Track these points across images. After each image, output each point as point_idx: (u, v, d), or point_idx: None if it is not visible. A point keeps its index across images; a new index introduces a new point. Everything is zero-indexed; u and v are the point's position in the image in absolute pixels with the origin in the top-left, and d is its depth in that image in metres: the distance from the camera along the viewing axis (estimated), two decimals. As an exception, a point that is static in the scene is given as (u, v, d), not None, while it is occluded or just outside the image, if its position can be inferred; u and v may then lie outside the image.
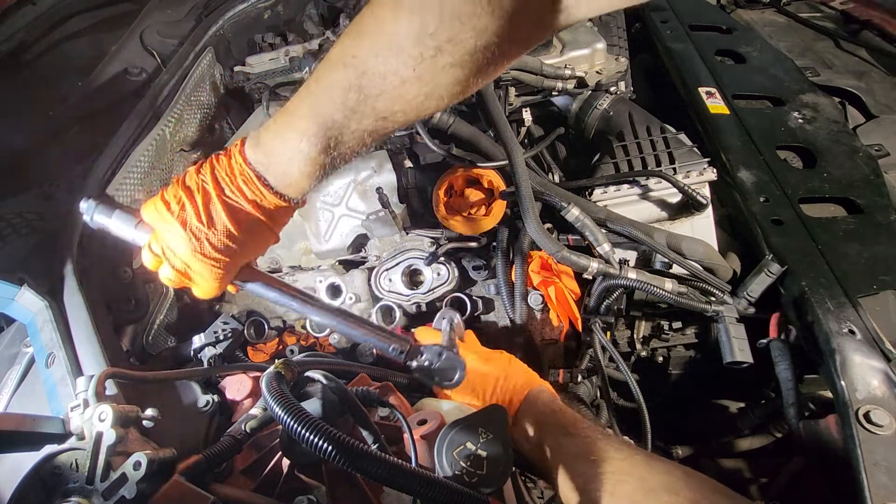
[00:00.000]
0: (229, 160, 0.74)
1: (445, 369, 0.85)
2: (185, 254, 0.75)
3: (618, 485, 0.70)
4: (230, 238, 0.75)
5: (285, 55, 1.71)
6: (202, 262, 0.76)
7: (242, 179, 0.73)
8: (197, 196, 0.74)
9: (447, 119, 1.32)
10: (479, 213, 1.29)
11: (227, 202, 0.74)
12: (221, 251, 0.75)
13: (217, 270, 0.77)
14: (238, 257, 0.78)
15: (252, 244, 0.78)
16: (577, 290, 1.21)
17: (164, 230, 0.76)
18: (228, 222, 0.74)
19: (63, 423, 0.83)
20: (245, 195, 0.73)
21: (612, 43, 1.50)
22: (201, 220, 0.73)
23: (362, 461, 0.64)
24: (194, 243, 0.74)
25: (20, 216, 1.23)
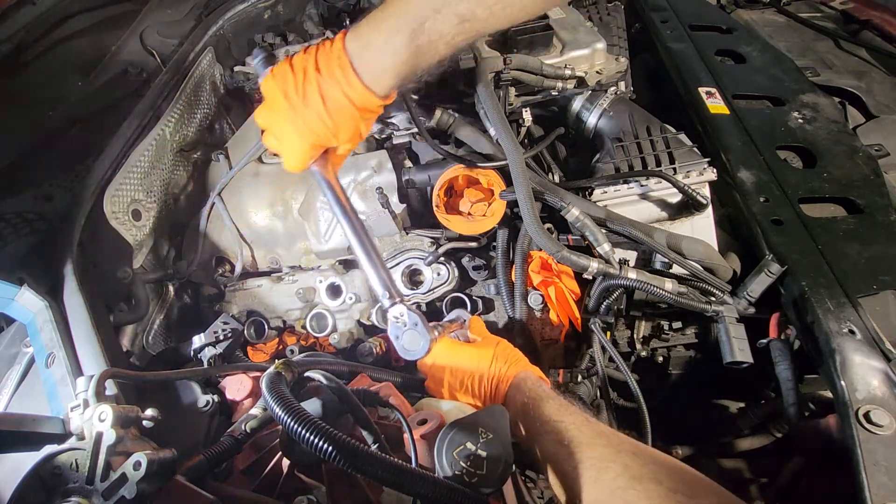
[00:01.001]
0: (331, 45, 0.83)
1: (413, 338, 0.93)
2: (281, 122, 0.87)
3: (601, 471, 0.70)
4: (319, 118, 0.84)
5: (285, 55, 1.71)
6: (291, 134, 0.87)
7: (338, 65, 0.81)
8: (299, 74, 0.84)
9: (447, 119, 1.32)
10: (479, 213, 1.29)
11: (321, 84, 0.83)
12: (310, 129, 0.86)
13: (303, 145, 0.88)
14: (323, 140, 0.88)
15: (340, 132, 0.87)
16: (577, 290, 1.21)
17: (271, 96, 0.88)
18: (320, 103, 0.83)
19: (63, 423, 0.83)
20: (337, 80, 0.82)
21: (612, 43, 1.50)
22: (298, 95, 0.84)
23: (362, 461, 0.64)
24: (290, 115, 0.85)
25: (20, 216, 1.23)
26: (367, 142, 1.54)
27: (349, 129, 0.88)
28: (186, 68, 1.62)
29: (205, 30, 1.74)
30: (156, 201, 1.47)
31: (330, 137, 0.88)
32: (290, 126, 0.87)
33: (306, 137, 0.88)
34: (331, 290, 1.41)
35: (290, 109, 0.86)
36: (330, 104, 0.84)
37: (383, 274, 0.95)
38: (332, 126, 0.86)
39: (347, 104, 0.84)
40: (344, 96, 0.83)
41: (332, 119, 0.85)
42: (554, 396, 0.87)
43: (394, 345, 0.95)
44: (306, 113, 0.85)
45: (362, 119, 0.88)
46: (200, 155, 1.71)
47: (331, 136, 0.87)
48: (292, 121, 0.86)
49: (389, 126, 1.45)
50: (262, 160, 1.58)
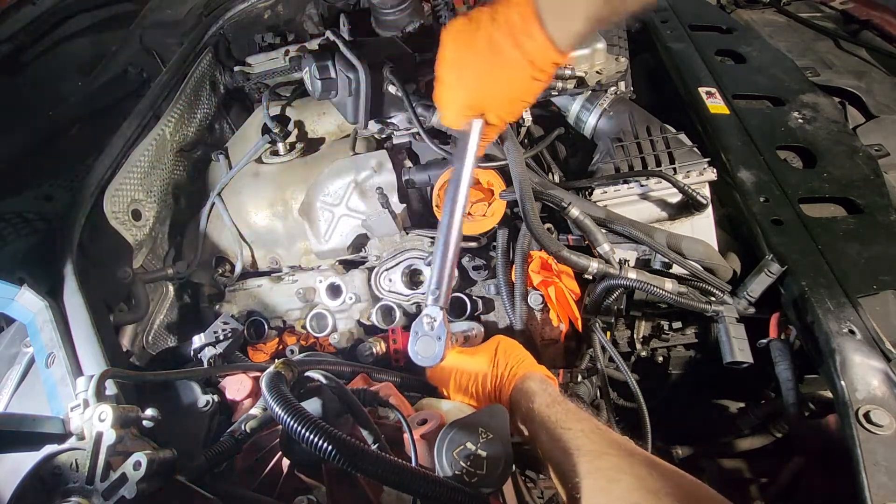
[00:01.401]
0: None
1: (429, 346, 0.91)
2: (442, 72, 0.83)
3: (613, 482, 0.68)
4: (477, 74, 0.79)
5: (285, 55, 1.71)
6: (447, 88, 0.83)
7: (518, 10, 0.74)
8: (473, 21, 0.78)
9: (447, 119, 1.32)
10: (479, 213, 1.29)
11: (492, 33, 0.76)
12: (464, 86, 0.81)
13: (455, 103, 0.85)
14: (475, 102, 0.83)
15: (495, 95, 0.81)
16: (577, 290, 1.21)
17: (441, 44, 0.83)
18: (485, 56, 0.77)
19: (63, 423, 0.83)
20: (513, 27, 0.75)
21: (612, 43, 1.50)
22: (463, 44, 0.79)
23: (362, 461, 0.64)
24: (450, 67, 0.81)
25: (20, 216, 1.23)
26: (368, 141, 1.54)
27: (506, 93, 0.81)
28: (186, 68, 1.63)
29: (205, 30, 1.74)
30: (156, 201, 1.47)
31: (481, 101, 0.82)
32: (448, 77, 0.82)
33: (458, 96, 0.83)
34: (331, 290, 1.41)
35: (452, 61, 0.80)
36: (497, 57, 0.76)
37: (448, 272, 0.92)
38: (488, 87, 0.79)
39: (518, 58, 0.75)
40: (515, 47, 0.75)
41: (493, 77, 0.78)
42: (560, 400, 0.85)
43: (409, 341, 0.94)
44: (465, 67, 0.79)
45: (531, 79, 0.78)
46: (200, 155, 1.71)
47: (483, 98, 0.82)
48: (451, 73, 0.82)
49: (389, 126, 1.45)
50: (262, 160, 1.58)
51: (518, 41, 0.75)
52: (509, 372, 0.93)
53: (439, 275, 0.92)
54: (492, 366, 0.94)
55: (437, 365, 0.95)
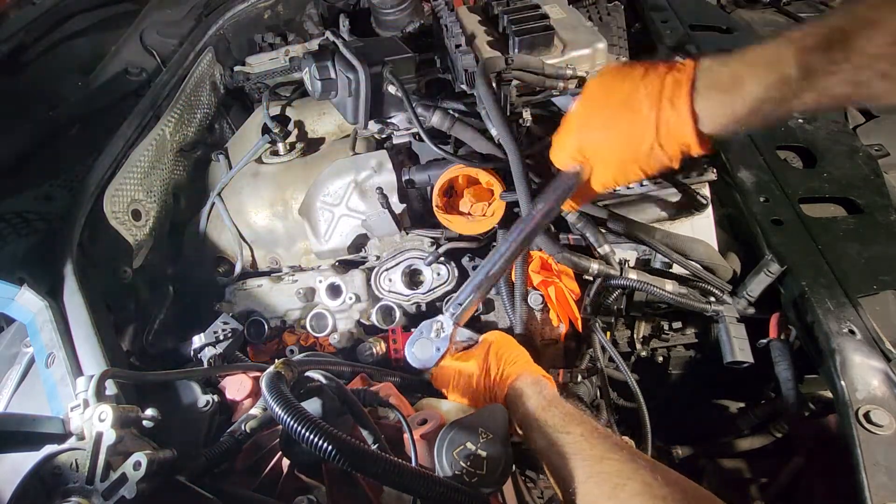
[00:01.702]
0: (681, 65, 0.74)
1: (426, 350, 0.96)
2: (579, 105, 0.87)
3: (617, 487, 0.66)
4: (604, 121, 0.81)
5: (285, 55, 1.72)
6: (564, 133, 0.87)
7: (673, 80, 0.73)
8: (622, 73, 0.80)
9: (447, 119, 1.32)
10: (479, 213, 1.29)
11: (632, 92, 0.76)
12: (590, 125, 0.84)
13: (564, 150, 0.88)
14: (597, 143, 0.84)
15: (620, 143, 0.81)
16: (577, 290, 1.21)
17: (591, 81, 0.87)
18: (619, 103, 0.78)
19: (63, 423, 0.83)
20: (658, 92, 0.74)
21: (613, 43, 1.50)
22: (601, 94, 0.82)
23: (362, 461, 0.64)
24: (579, 111, 0.85)
25: (20, 216, 1.23)
26: (368, 141, 1.54)
27: (621, 150, 0.81)
28: (186, 68, 1.63)
29: (205, 30, 1.74)
30: (156, 201, 1.47)
31: (595, 149, 0.84)
32: (576, 113, 0.86)
33: (576, 136, 0.85)
34: (331, 290, 1.41)
35: (587, 99, 0.84)
36: (629, 111, 0.76)
37: (479, 297, 0.95)
38: (607, 137, 0.80)
39: (650, 120, 0.75)
40: (652, 108, 0.74)
41: (617, 129, 0.78)
42: (556, 402, 0.84)
43: (410, 339, 0.96)
44: (596, 109, 0.82)
45: (651, 147, 0.77)
46: (200, 155, 1.71)
47: (597, 147, 0.83)
48: (581, 110, 0.85)
49: (389, 126, 1.45)
50: (262, 160, 1.58)
51: (660, 104, 0.74)
52: (501, 375, 0.92)
53: (469, 295, 0.94)
54: (482, 370, 0.93)
55: (437, 368, 0.95)
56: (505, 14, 1.26)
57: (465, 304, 0.94)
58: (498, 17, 1.29)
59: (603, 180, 0.88)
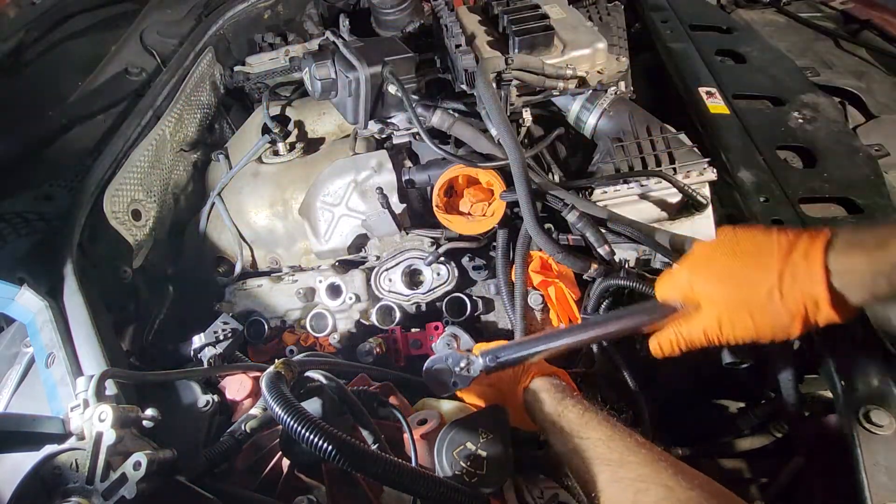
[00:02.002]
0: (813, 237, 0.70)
1: (442, 378, 0.93)
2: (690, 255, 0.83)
3: (640, 493, 0.65)
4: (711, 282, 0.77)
5: (285, 55, 1.72)
6: (684, 267, 0.82)
7: (807, 249, 0.69)
8: (752, 238, 0.76)
9: (447, 119, 1.32)
10: (479, 213, 1.29)
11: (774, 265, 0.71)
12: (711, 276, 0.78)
13: (682, 280, 0.82)
14: (710, 291, 0.79)
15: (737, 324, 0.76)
16: (577, 290, 1.21)
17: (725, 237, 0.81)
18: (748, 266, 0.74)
19: (63, 423, 0.83)
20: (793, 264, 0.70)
21: (612, 43, 1.50)
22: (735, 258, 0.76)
23: (362, 461, 0.64)
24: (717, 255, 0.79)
25: (20, 216, 1.23)
26: (368, 141, 1.54)
27: (730, 298, 0.76)
28: (186, 68, 1.63)
29: (205, 30, 1.74)
30: (156, 201, 1.47)
31: (699, 294, 0.79)
32: (692, 258, 0.82)
33: (682, 278, 0.81)
34: (331, 290, 1.41)
35: (708, 247, 0.80)
36: (752, 262, 0.73)
37: (526, 359, 0.91)
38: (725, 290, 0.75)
39: (771, 272, 0.71)
40: (778, 257, 0.71)
41: (735, 280, 0.74)
42: (572, 405, 0.82)
43: (434, 359, 0.94)
44: (716, 261, 0.77)
45: (765, 304, 0.72)
46: (200, 155, 1.71)
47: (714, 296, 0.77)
48: (698, 256, 0.81)
49: (389, 126, 1.45)
50: (262, 160, 1.58)
51: (790, 253, 0.70)
52: (516, 379, 0.92)
53: (513, 356, 0.90)
54: (496, 377, 0.93)
55: None
56: (505, 14, 1.26)
57: (505, 363, 0.90)
58: (498, 17, 1.29)
59: (706, 323, 0.79)
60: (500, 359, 0.89)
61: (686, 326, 0.82)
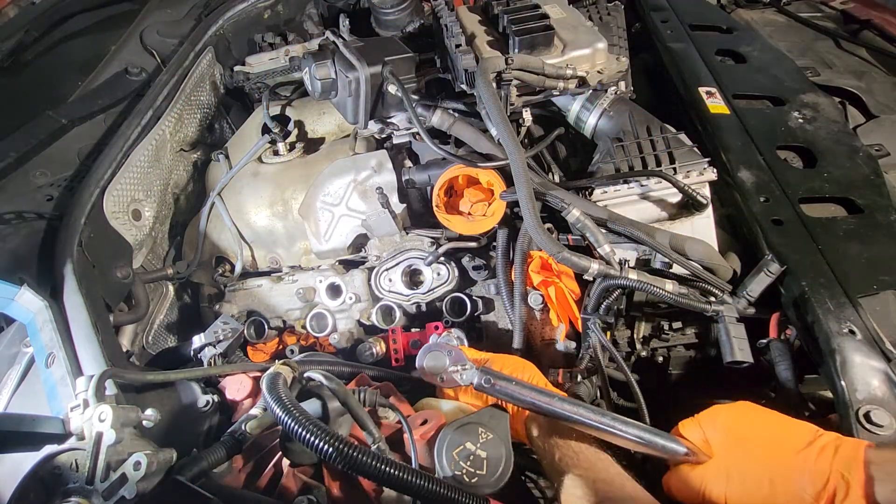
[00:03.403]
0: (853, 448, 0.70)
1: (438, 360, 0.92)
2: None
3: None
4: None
5: (285, 55, 1.72)
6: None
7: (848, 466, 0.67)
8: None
9: (447, 119, 1.32)
10: (479, 213, 1.29)
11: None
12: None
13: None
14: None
15: None
16: (577, 290, 1.21)
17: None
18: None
19: (63, 423, 0.82)
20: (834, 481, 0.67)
21: (613, 43, 1.50)
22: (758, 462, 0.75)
23: (362, 463, 0.64)
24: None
25: (20, 216, 1.23)
26: (367, 141, 1.54)
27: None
28: (186, 68, 1.63)
29: (205, 30, 1.74)
30: (156, 201, 1.47)
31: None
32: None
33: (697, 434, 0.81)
34: (331, 290, 1.41)
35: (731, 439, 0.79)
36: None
37: (504, 396, 0.88)
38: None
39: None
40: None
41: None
42: (555, 440, 0.85)
43: (428, 353, 0.93)
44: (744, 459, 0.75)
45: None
46: (200, 155, 1.71)
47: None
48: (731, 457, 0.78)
49: (389, 126, 1.45)
50: (262, 160, 1.58)
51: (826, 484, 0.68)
52: None
53: (504, 393, 0.87)
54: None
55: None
56: (505, 14, 1.26)
57: (495, 392, 0.87)
58: (498, 16, 1.29)
59: (711, 479, 0.77)
60: (494, 386, 0.87)
61: (694, 475, 0.79)
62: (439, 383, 0.92)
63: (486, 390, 0.87)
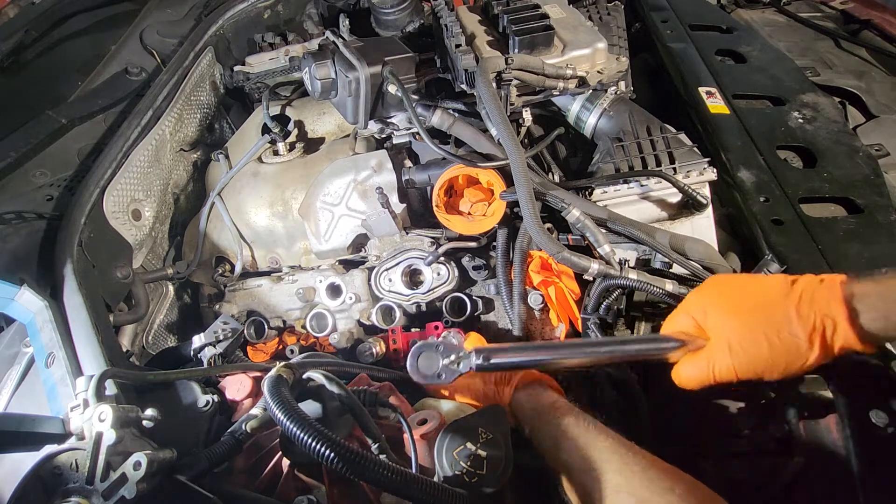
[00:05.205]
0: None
1: (431, 365, 0.88)
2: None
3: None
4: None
5: (285, 55, 1.72)
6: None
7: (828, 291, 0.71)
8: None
9: (447, 119, 1.32)
10: (479, 212, 1.29)
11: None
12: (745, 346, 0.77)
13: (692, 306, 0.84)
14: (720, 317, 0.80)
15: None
16: (577, 290, 1.21)
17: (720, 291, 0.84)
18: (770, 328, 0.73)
19: (63, 423, 0.83)
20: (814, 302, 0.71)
21: (612, 42, 1.50)
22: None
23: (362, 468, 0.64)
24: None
25: (20, 216, 1.23)
26: (367, 141, 1.54)
27: (742, 324, 0.76)
28: (186, 68, 1.63)
29: (205, 30, 1.74)
30: (155, 201, 1.47)
31: (709, 325, 0.79)
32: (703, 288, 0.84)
33: (693, 304, 0.82)
34: (331, 290, 1.41)
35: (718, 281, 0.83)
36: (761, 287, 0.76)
37: (510, 365, 0.88)
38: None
39: (784, 290, 0.74)
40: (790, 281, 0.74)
41: (748, 304, 0.76)
42: (554, 413, 0.83)
43: (419, 349, 0.90)
44: (727, 292, 0.79)
45: (781, 323, 0.73)
46: (200, 155, 1.71)
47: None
48: (710, 286, 0.82)
49: (389, 126, 1.45)
50: (262, 160, 1.58)
51: (803, 279, 0.74)
52: (506, 382, 0.92)
53: (507, 360, 0.86)
54: (485, 380, 0.94)
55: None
56: (505, 14, 1.26)
57: (497, 366, 0.86)
58: (498, 16, 1.29)
59: (717, 353, 0.78)
60: (492, 361, 0.85)
61: (699, 359, 0.80)
62: (441, 384, 0.89)
63: (488, 368, 0.85)
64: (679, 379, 0.85)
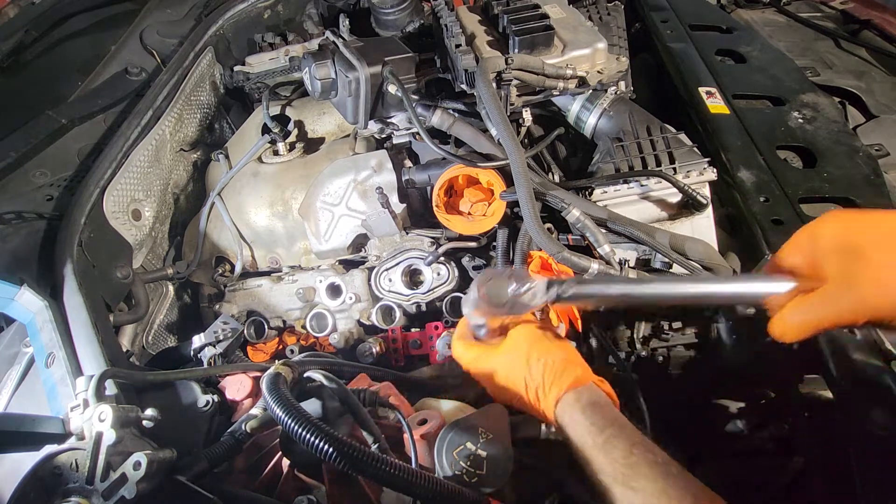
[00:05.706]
0: None
1: (500, 291, 0.80)
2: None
3: None
4: None
5: (285, 55, 1.72)
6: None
7: None
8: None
9: (447, 119, 1.32)
10: (479, 212, 1.29)
11: None
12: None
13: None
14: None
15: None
16: (577, 290, 1.21)
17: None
18: None
19: (63, 423, 0.83)
20: None
21: (612, 43, 1.50)
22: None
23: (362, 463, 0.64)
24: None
25: (20, 216, 1.23)
26: (367, 141, 1.54)
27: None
28: (186, 68, 1.63)
29: (205, 30, 1.74)
30: (155, 201, 1.47)
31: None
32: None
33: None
34: (331, 290, 1.41)
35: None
36: None
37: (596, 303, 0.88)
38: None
39: None
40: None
41: None
42: (621, 429, 0.74)
43: (489, 280, 0.81)
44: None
45: None
46: (200, 155, 1.71)
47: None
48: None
49: (389, 126, 1.45)
50: (262, 160, 1.58)
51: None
52: (550, 386, 0.80)
53: (586, 290, 0.78)
54: (525, 377, 0.82)
55: (474, 371, 0.91)
56: (505, 14, 1.26)
57: (575, 296, 0.75)
58: (498, 16, 1.29)
59: (854, 296, 0.61)
60: (570, 292, 0.75)
61: (821, 300, 0.64)
62: (504, 313, 0.80)
63: (566, 300, 0.75)
64: (784, 326, 0.68)
